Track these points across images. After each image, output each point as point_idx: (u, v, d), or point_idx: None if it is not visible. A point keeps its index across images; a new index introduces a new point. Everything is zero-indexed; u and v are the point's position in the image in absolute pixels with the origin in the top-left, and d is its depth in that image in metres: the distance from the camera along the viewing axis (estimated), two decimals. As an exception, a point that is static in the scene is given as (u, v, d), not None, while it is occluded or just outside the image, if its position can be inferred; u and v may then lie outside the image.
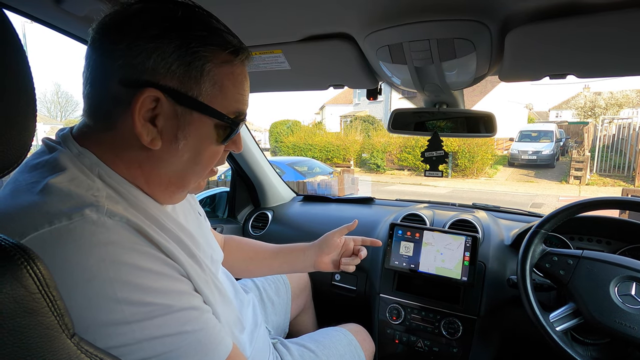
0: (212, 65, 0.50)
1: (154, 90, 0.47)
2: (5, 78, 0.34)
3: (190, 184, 0.57)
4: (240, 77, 0.54)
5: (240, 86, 0.54)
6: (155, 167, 0.52)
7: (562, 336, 0.91)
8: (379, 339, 1.30)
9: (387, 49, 0.75)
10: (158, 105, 0.48)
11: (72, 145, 0.50)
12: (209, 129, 0.52)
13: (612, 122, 14.17)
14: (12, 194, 0.46)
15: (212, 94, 0.50)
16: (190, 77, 0.48)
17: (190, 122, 0.50)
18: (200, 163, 0.54)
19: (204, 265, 0.57)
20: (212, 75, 0.50)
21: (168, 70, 0.47)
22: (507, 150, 14.96)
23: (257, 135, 24.37)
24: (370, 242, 0.96)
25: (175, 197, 0.58)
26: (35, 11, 0.77)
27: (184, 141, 0.51)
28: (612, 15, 0.59)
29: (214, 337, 0.52)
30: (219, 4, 0.68)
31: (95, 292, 0.41)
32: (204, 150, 0.53)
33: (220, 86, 0.51)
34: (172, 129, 0.50)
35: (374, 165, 14.13)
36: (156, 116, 0.48)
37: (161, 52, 0.47)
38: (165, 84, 0.47)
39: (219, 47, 0.50)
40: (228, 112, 0.52)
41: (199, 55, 0.48)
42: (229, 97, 0.52)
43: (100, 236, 0.43)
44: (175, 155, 0.52)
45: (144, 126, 0.48)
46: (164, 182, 0.54)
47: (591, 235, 1.20)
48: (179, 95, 0.48)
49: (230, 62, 0.52)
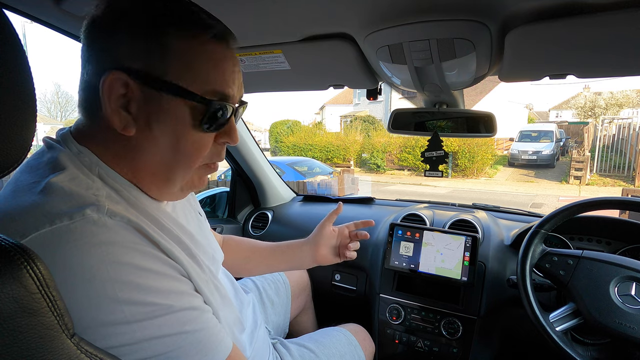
0: (178, 42, 0.47)
1: (118, 72, 0.46)
2: (5, 78, 0.34)
3: (177, 177, 0.53)
4: (216, 55, 0.50)
5: (217, 65, 0.50)
6: (137, 157, 0.51)
7: (562, 336, 0.91)
8: (379, 339, 1.30)
9: (387, 49, 0.75)
10: (129, 89, 0.47)
11: (71, 144, 0.50)
12: (182, 112, 0.49)
13: (612, 122, 14.18)
14: (13, 193, 0.46)
15: (181, 73, 0.48)
16: (154, 56, 0.47)
17: (161, 104, 0.48)
18: (182, 152, 0.51)
19: (204, 265, 0.57)
20: (179, 52, 0.47)
21: (132, 51, 0.47)
22: (507, 150, 14.97)
23: (257, 135, 24.37)
24: (362, 223, 0.96)
25: (167, 193, 0.55)
26: (35, 11, 0.77)
27: (158, 126, 0.49)
28: (612, 15, 0.59)
29: (214, 337, 0.52)
30: (219, 4, 0.68)
31: (95, 292, 0.41)
32: (183, 137, 0.50)
33: (189, 64, 0.48)
34: (144, 114, 0.48)
35: (374, 165, 14.13)
36: (129, 102, 0.48)
37: (124, 34, 0.47)
38: (131, 66, 0.46)
39: (185, 23, 0.48)
40: (203, 92, 0.49)
41: (161, 32, 0.47)
42: (202, 76, 0.49)
43: (101, 236, 0.43)
44: (153, 143, 0.50)
45: (115, 112, 0.47)
46: (149, 174, 0.52)
47: (591, 235, 1.20)
48: (145, 76, 0.47)
49: (198, 38, 0.49)
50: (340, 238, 0.96)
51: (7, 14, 0.39)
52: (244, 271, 1.02)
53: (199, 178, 0.57)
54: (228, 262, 0.95)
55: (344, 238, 0.96)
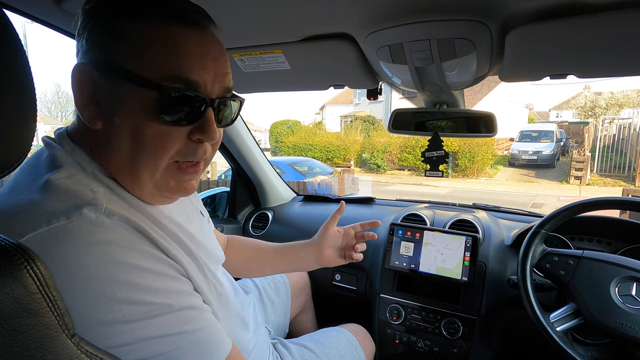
0: (129, 26, 0.45)
1: (83, 65, 0.46)
2: (6, 78, 0.34)
3: (144, 175, 0.49)
4: (176, 37, 0.46)
5: (177, 47, 0.46)
6: (107, 153, 0.49)
7: (563, 336, 0.91)
8: (379, 339, 1.30)
9: (387, 49, 0.75)
10: (97, 82, 0.47)
11: (65, 143, 0.50)
12: (140, 101, 0.45)
13: (613, 122, 14.18)
14: (11, 192, 0.46)
15: (134, 58, 0.45)
16: (109, 43, 0.46)
17: (119, 93, 0.46)
18: (144, 145, 0.47)
19: (203, 265, 0.56)
20: (131, 36, 0.45)
21: (92, 42, 0.47)
22: (508, 151, 14.97)
23: (258, 135, 24.38)
24: (369, 224, 0.93)
25: (145, 194, 0.51)
26: (35, 11, 0.77)
27: (118, 117, 0.46)
28: (613, 15, 0.59)
29: (214, 336, 0.52)
30: (219, 4, 0.68)
31: (94, 292, 0.41)
32: (143, 128, 0.46)
33: (144, 48, 0.45)
34: (107, 105, 0.47)
35: (374, 165, 14.13)
36: (98, 94, 0.47)
37: (88, 27, 0.47)
38: (93, 56, 0.47)
39: (137, 6, 0.46)
40: (156, 77, 0.45)
41: (112, 17, 0.45)
42: (157, 60, 0.45)
43: (98, 236, 0.43)
44: (116, 135, 0.47)
45: (85, 105, 0.47)
46: (120, 171, 0.50)
47: (592, 235, 1.20)
48: (102, 64, 0.46)
49: (150, 20, 0.45)
50: (346, 239, 0.94)
51: (8, 14, 0.39)
52: (247, 272, 1.01)
53: (174, 180, 0.51)
54: (231, 262, 0.95)
55: (349, 239, 0.93)
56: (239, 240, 1.02)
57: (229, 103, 0.54)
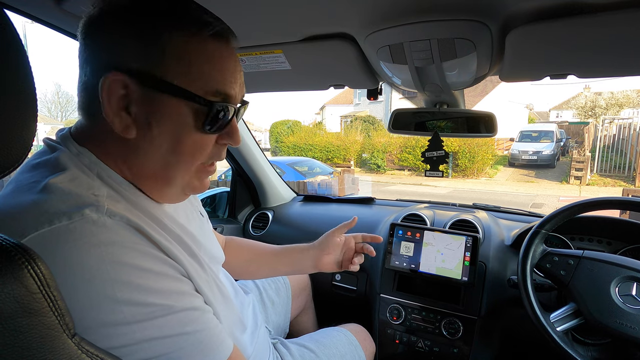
0: (176, 41, 0.46)
1: (117, 74, 0.45)
2: (6, 78, 0.34)
3: (177, 178, 0.52)
4: (216, 53, 0.49)
5: (217, 64, 0.49)
6: (137, 159, 0.50)
7: (563, 336, 0.91)
8: (379, 339, 1.30)
9: (387, 49, 0.75)
10: (129, 91, 0.46)
11: (71, 145, 0.50)
12: (183, 113, 0.48)
13: (613, 122, 14.17)
14: (13, 193, 0.46)
15: (180, 73, 0.47)
16: (152, 56, 0.46)
17: (161, 105, 0.47)
18: (182, 153, 0.50)
19: (205, 265, 0.56)
20: (177, 51, 0.46)
21: (129, 51, 0.46)
22: (508, 151, 14.96)
23: (258, 135, 24.37)
24: (370, 238, 0.94)
25: (167, 194, 0.55)
26: (36, 11, 0.77)
27: (158, 128, 0.48)
28: (613, 15, 0.59)
29: (215, 337, 0.52)
30: (219, 4, 0.68)
31: (95, 293, 0.41)
32: (184, 138, 0.49)
33: (189, 63, 0.47)
34: (144, 115, 0.47)
35: (375, 166, 14.12)
36: (130, 103, 0.47)
37: (123, 34, 0.46)
38: (129, 66, 0.46)
39: (182, 22, 0.47)
40: (203, 93, 0.48)
41: (158, 31, 0.46)
42: (202, 76, 0.48)
43: (100, 236, 0.43)
44: (153, 144, 0.49)
45: (116, 114, 0.47)
46: (150, 177, 0.51)
47: (592, 235, 1.20)
48: (144, 76, 0.46)
49: (197, 37, 0.47)
50: (345, 249, 0.94)
51: (8, 14, 0.39)
52: (246, 274, 1.01)
53: (199, 181, 0.55)
54: (230, 264, 0.95)
55: (349, 250, 0.94)
56: (237, 241, 1.02)
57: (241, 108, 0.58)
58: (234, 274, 0.96)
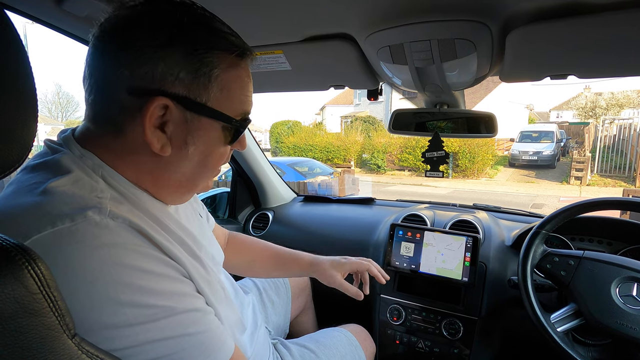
0: (220, 71, 0.50)
1: (163, 98, 0.47)
2: (6, 78, 0.34)
3: (199, 185, 0.58)
4: (246, 79, 0.54)
5: (246, 88, 0.54)
6: (166, 172, 0.53)
7: (564, 337, 0.90)
8: (379, 339, 1.30)
9: (387, 49, 0.75)
10: (167, 112, 0.48)
11: (74, 147, 0.50)
12: (217, 132, 0.53)
13: (613, 122, 14.16)
14: (14, 194, 0.46)
15: (220, 99, 0.51)
16: (199, 84, 0.49)
17: (198, 127, 0.51)
18: (208, 165, 0.55)
19: (207, 265, 0.56)
20: (220, 80, 0.50)
21: (176, 78, 0.47)
22: (508, 151, 14.95)
23: (258, 135, 24.37)
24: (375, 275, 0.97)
25: (184, 198, 0.59)
26: (36, 12, 0.77)
27: (194, 146, 0.51)
28: (613, 15, 0.59)
29: (217, 338, 0.52)
30: (220, 5, 0.68)
31: (97, 295, 0.41)
32: (213, 153, 0.54)
33: (228, 90, 0.51)
34: (181, 135, 0.50)
35: (375, 166, 14.12)
36: (165, 123, 0.48)
37: (169, 60, 0.46)
38: (174, 92, 0.47)
39: (226, 52, 0.50)
40: (235, 115, 0.53)
41: (206, 61, 0.48)
42: (235, 100, 0.53)
43: (102, 238, 0.43)
44: (186, 160, 0.52)
45: (153, 133, 0.48)
46: (174, 185, 0.55)
47: (592, 236, 1.20)
48: (188, 101, 0.48)
49: (237, 66, 0.52)
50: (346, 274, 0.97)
51: (8, 14, 0.39)
52: (247, 273, 1.04)
53: (208, 182, 0.60)
54: (232, 262, 0.95)
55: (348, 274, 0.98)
56: (240, 239, 1.02)
57: None
58: (234, 271, 0.96)
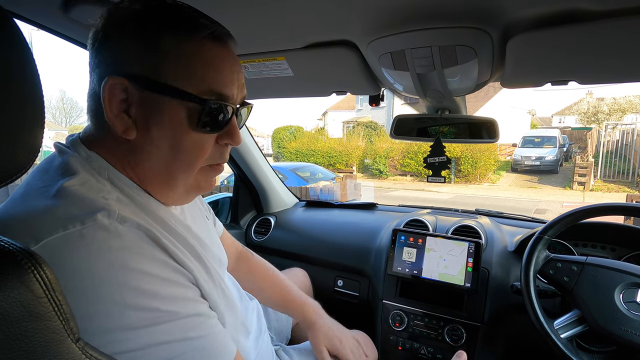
0: (173, 44, 0.48)
1: (117, 78, 0.47)
2: (14, 84, 0.35)
3: (179, 179, 0.53)
4: (211, 54, 0.50)
5: (212, 65, 0.50)
6: (142, 161, 0.52)
7: (567, 343, 0.90)
8: (381, 345, 1.29)
9: (389, 55, 0.76)
10: (128, 94, 0.48)
11: (80, 149, 0.51)
12: (180, 113, 0.49)
13: (616, 127, 14.11)
14: (24, 197, 0.47)
15: (178, 75, 0.48)
16: (151, 60, 0.48)
17: (159, 106, 0.49)
18: (181, 153, 0.51)
19: (212, 269, 0.57)
20: (174, 54, 0.48)
21: (130, 56, 0.48)
22: (510, 156, 14.92)
23: (260, 140, 24.43)
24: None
25: (171, 196, 0.56)
26: (43, 20, 0.79)
27: (157, 128, 0.49)
28: (613, 22, 0.59)
29: (219, 343, 0.52)
30: (223, 11, 0.69)
31: (104, 297, 0.42)
32: (182, 139, 0.50)
33: (186, 65, 0.49)
34: (143, 117, 0.49)
35: (377, 171, 14.11)
36: (130, 105, 0.49)
37: (123, 41, 0.48)
38: (129, 71, 0.48)
39: (180, 26, 0.49)
40: (197, 92, 0.49)
41: (157, 36, 0.48)
42: (197, 76, 0.49)
43: (111, 242, 0.43)
44: (154, 145, 0.50)
45: (117, 117, 0.49)
46: (153, 178, 0.53)
47: (595, 241, 1.19)
48: (143, 79, 0.48)
49: (194, 39, 0.49)
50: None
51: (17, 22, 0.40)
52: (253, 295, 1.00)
53: (205, 180, 0.56)
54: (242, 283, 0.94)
55: None
56: (255, 264, 1.02)
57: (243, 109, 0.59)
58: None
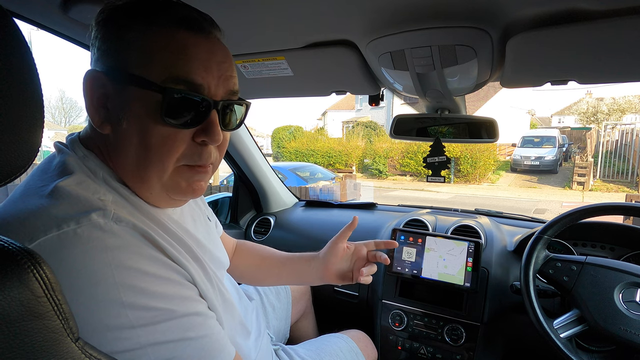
0: (139, 34, 0.47)
1: (96, 72, 0.48)
2: (14, 84, 0.35)
3: (152, 177, 0.50)
4: (180, 41, 0.47)
5: (181, 51, 0.47)
6: (117, 157, 0.51)
7: (567, 343, 0.90)
8: (381, 345, 1.29)
9: (389, 55, 0.76)
10: (106, 88, 0.49)
11: (77, 148, 0.51)
12: (144, 103, 0.47)
13: (615, 127, 14.12)
14: (22, 197, 0.47)
15: (142, 63, 0.46)
16: (119, 50, 0.48)
17: (126, 97, 0.47)
18: (150, 148, 0.48)
19: (210, 270, 0.57)
20: (139, 42, 0.47)
21: (107, 50, 0.49)
22: (510, 156, 14.93)
23: (260, 140, 24.42)
24: (384, 244, 0.84)
25: (151, 197, 0.52)
26: (43, 19, 0.79)
27: (126, 120, 0.48)
28: (613, 21, 0.59)
29: (217, 343, 0.52)
30: (222, 11, 0.69)
31: (101, 296, 0.42)
32: (150, 132, 0.47)
33: (150, 53, 0.46)
34: (115, 110, 0.49)
35: (376, 171, 14.12)
36: (107, 99, 0.49)
37: (100, 37, 0.49)
38: (106, 64, 0.49)
39: (148, 16, 0.48)
40: (161, 81, 0.46)
41: (127, 27, 0.48)
42: (161, 64, 0.46)
43: (107, 241, 0.43)
44: (126, 139, 0.49)
45: (96, 111, 0.49)
46: (130, 174, 0.51)
47: (595, 241, 1.19)
48: (114, 71, 0.48)
49: (160, 27, 0.47)
50: (355, 258, 0.84)
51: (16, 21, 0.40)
52: (253, 280, 0.97)
53: (185, 182, 0.52)
54: (238, 269, 0.94)
55: (359, 259, 0.83)
56: (248, 246, 1.00)
57: (234, 106, 0.54)
58: (241, 278, 0.95)
